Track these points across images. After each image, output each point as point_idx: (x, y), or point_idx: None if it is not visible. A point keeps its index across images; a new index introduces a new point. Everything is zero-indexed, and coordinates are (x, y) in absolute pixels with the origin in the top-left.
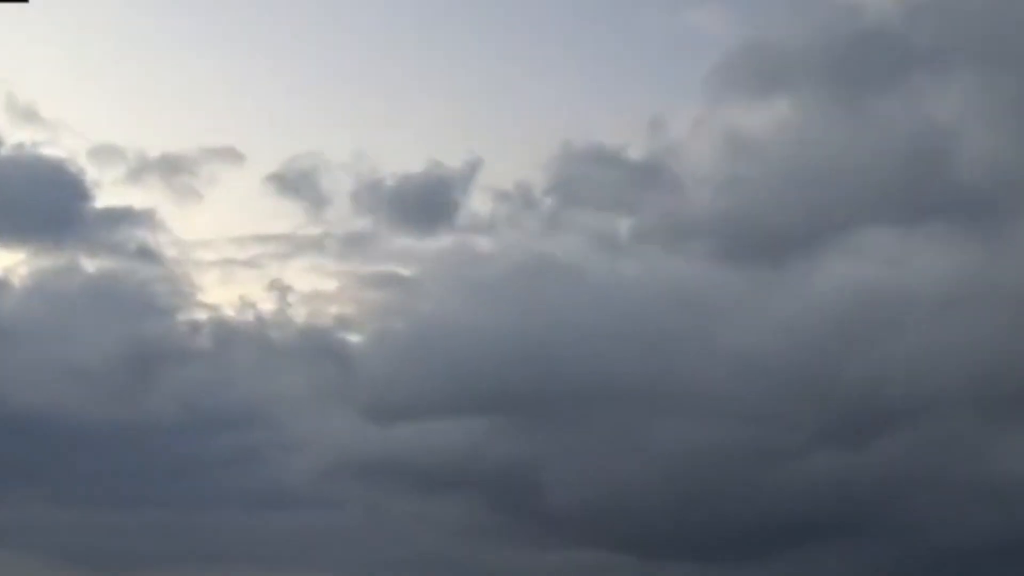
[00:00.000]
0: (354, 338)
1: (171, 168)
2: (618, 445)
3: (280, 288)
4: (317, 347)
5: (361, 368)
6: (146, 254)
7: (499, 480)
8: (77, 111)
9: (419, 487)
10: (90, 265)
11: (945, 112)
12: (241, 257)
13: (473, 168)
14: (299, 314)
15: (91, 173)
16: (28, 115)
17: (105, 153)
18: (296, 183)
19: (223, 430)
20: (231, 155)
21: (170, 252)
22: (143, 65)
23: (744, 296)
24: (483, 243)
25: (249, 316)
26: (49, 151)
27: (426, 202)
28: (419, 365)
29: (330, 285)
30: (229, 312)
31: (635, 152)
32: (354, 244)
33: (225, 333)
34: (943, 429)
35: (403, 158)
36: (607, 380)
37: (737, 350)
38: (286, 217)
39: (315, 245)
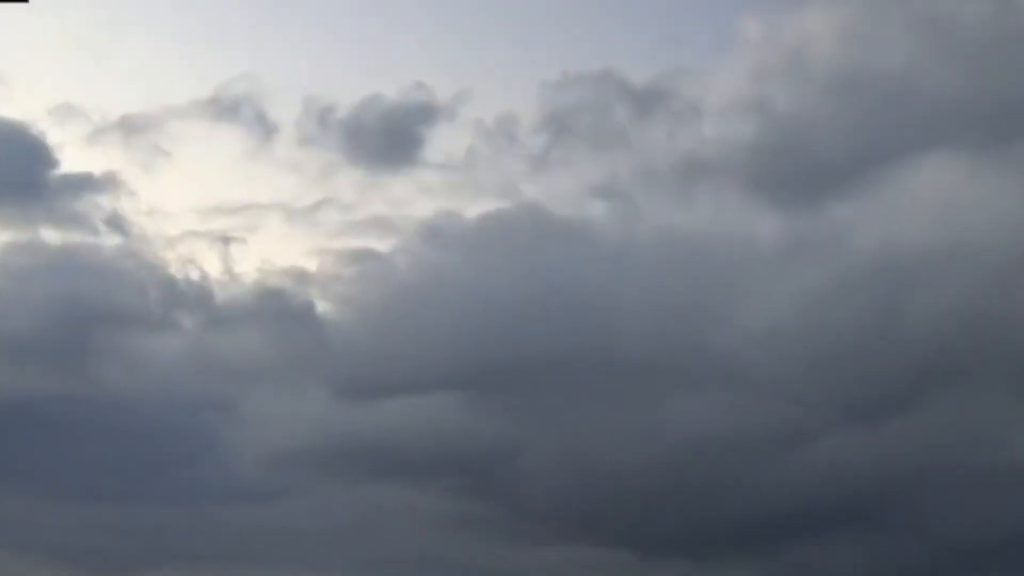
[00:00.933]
0: (325, 307)
1: (135, 128)
2: (618, 428)
3: (251, 258)
4: (288, 319)
5: (332, 341)
6: (113, 224)
7: (487, 467)
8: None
9: (401, 474)
10: (56, 237)
11: None
12: (212, 227)
13: (454, 97)
14: (271, 284)
15: (53, 135)
16: None
17: (65, 113)
18: (234, 109)
19: (196, 412)
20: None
21: (138, 222)
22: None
23: (770, 250)
24: (456, 188)
25: (220, 288)
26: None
27: (390, 135)
28: (395, 336)
29: (300, 254)
30: (198, 284)
31: (640, 75)
32: (326, 210)
33: (192, 307)
34: (971, 408)
35: (366, 83)
36: (606, 352)
37: (759, 316)
38: (257, 178)
39: (287, 212)
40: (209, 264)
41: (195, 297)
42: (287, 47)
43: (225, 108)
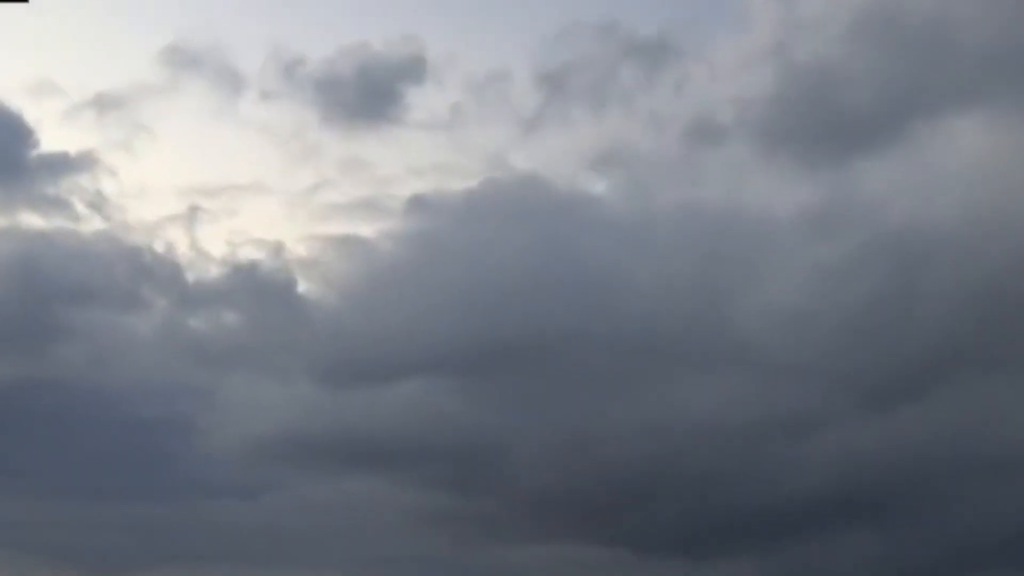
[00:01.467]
0: (307, 288)
1: (113, 105)
2: (618, 416)
3: (233, 237)
4: (270, 301)
5: (316, 323)
6: (94, 206)
7: (481, 458)
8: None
9: (389, 466)
10: (37, 220)
11: None
12: (190, 206)
13: (442, 51)
14: (253, 265)
15: (31, 113)
16: None
17: (42, 90)
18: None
19: (175, 399)
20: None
21: (119, 203)
22: None
23: (790, 222)
24: (441, 152)
25: (199, 269)
26: None
27: (367, 93)
28: (381, 317)
29: (282, 232)
30: (178, 265)
31: (647, 27)
32: (307, 187)
33: (172, 289)
34: (992, 396)
35: (336, 35)
36: (604, 337)
37: (776, 293)
38: (237, 151)
39: (267, 190)
40: (187, 244)
41: (174, 279)
42: None
43: (189, 59)
